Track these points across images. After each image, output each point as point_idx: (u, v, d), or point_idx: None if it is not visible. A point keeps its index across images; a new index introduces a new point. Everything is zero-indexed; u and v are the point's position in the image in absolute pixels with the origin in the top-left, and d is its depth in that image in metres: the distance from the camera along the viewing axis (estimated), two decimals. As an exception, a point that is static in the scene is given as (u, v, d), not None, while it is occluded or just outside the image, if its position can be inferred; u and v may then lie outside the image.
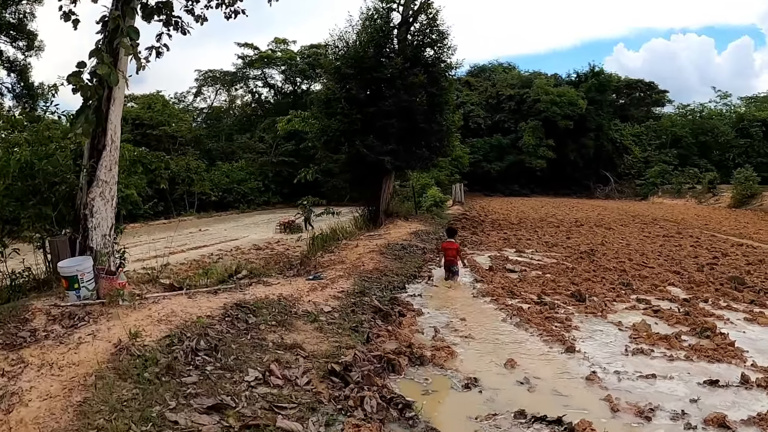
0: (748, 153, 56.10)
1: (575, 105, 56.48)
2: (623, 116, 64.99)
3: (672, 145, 60.02)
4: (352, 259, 11.95)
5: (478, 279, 11.23)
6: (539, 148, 57.44)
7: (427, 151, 20.89)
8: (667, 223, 27.12)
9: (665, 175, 55.02)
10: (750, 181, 40.57)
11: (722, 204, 43.31)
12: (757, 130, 56.77)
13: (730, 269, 13.77)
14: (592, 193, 59.72)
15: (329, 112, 20.41)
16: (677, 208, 42.02)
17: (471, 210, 35.88)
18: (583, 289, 10.80)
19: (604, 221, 27.52)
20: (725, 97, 67.13)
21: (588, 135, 58.80)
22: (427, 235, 17.49)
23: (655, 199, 52.55)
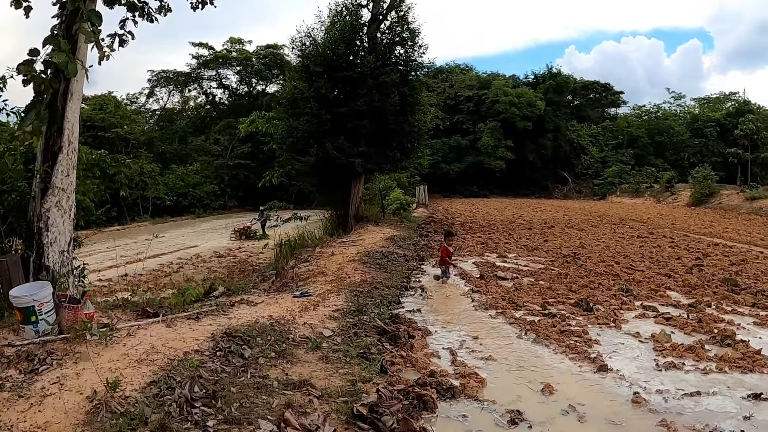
0: (703, 153, 57.35)
1: (534, 106, 56.65)
2: (579, 117, 65.64)
3: (628, 145, 60.89)
4: (334, 270, 11.01)
5: (474, 289, 10.43)
6: (498, 149, 57.35)
7: (399, 153, 20.10)
8: (635, 223, 27.02)
9: (623, 174, 55.75)
10: (708, 180, 41.23)
11: (681, 203, 43.93)
12: (711, 130, 58.09)
13: (717, 270, 13.54)
14: (551, 193, 60.01)
15: (296, 112, 19.39)
16: (638, 207, 42.37)
17: (436, 212, 35.26)
18: (585, 297, 10.23)
19: (573, 222, 27.23)
20: (679, 98, 68.81)
21: (546, 136, 59.11)
22: (403, 241, 16.66)
23: (614, 199, 53.05)
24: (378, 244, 15.06)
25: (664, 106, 67.33)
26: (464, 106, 60.23)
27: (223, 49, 55.91)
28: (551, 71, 64.46)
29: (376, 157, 19.42)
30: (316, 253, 13.91)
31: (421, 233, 20.94)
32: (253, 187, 23.19)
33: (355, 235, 17.74)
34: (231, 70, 57.78)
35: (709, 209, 38.54)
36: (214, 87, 59.43)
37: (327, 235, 17.96)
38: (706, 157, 55.87)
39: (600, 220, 29.03)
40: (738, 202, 37.74)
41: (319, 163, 19.06)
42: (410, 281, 11.14)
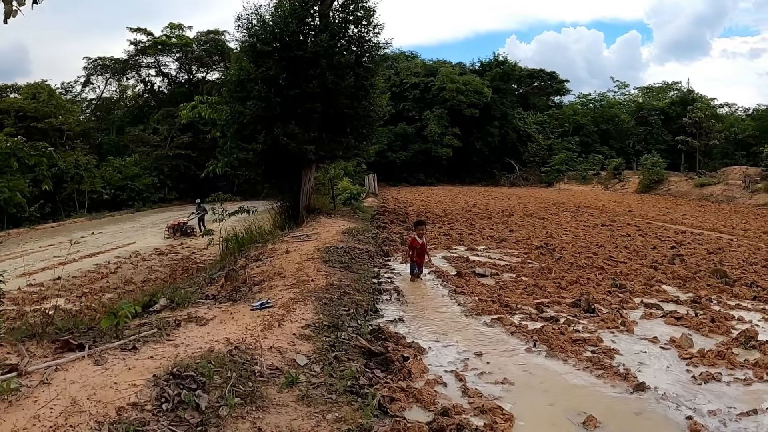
0: (647, 140, 58.21)
1: (481, 93, 56.10)
2: (525, 105, 65.60)
3: (574, 132, 61.24)
4: (292, 271, 9.56)
5: (456, 290, 9.17)
6: (445, 137, 56.61)
7: (353, 140, 18.69)
8: (593, 211, 26.55)
9: (570, 162, 55.96)
10: (657, 167, 41.49)
11: (629, 189, 44.19)
12: (656, 119, 58.98)
13: (700, 260, 12.94)
14: (498, 180, 59.79)
15: (242, 96, 17.68)
16: (588, 194, 42.30)
17: (387, 202, 34.02)
18: (578, 294, 9.23)
19: (531, 211, 26.48)
20: (623, 87, 69.80)
21: (493, 123, 58.75)
22: (362, 235, 15.28)
23: (562, 186, 53.12)
24: (336, 239, 13.65)
25: (608, 95, 68.16)
26: (410, 93, 59.14)
27: (163, 35, 53.06)
28: (498, 59, 64.15)
29: (330, 143, 17.98)
30: (268, 249, 12.41)
31: (378, 225, 19.61)
32: (195, 179, 21.41)
33: (309, 228, 16.27)
34: (170, 58, 55.13)
35: (658, 196, 38.77)
36: (152, 75, 56.57)
37: (278, 229, 16.46)
38: (651, 144, 56.68)
39: (556, 208, 28.44)
40: (687, 189, 38.05)
41: (267, 151, 17.45)
42: (381, 282, 9.79)
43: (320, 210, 19.09)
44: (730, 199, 32.93)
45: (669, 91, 67.29)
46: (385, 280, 9.86)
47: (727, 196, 33.69)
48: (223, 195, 17.98)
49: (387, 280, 9.98)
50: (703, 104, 51.75)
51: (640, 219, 22.78)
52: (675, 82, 67.53)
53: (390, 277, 10.30)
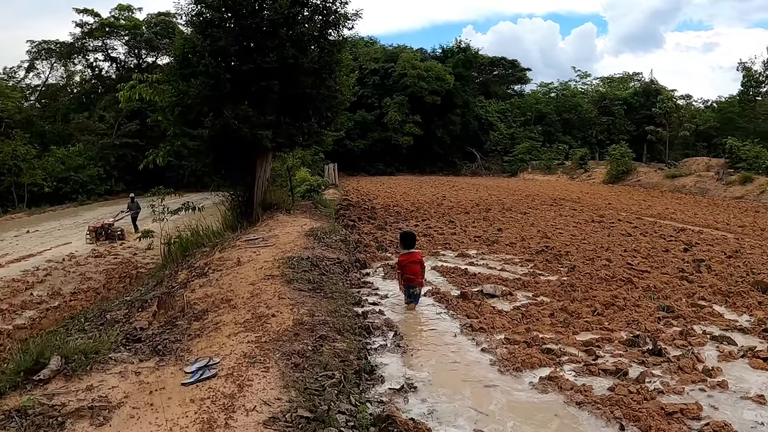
0: (610, 130, 57.39)
1: (443, 80, 53.91)
2: (486, 93, 63.80)
3: (536, 121, 59.87)
4: (245, 296, 7.04)
5: (468, 324, 6.81)
6: (405, 125, 54.27)
7: (316, 124, 16.11)
8: (572, 204, 24.71)
9: (533, 151, 54.48)
10: (625, 157, 40.29)
11: (596, 180, 42.92)
12: (618, 109, 58.08)
13: (726, 267, 11.18)
14: (459, 170, 57.90)
15: (187, 72, 14.91)
16: (556, 185, 40.72)
17: (349, 194, 31.49)
18: (624, 324, 7.24)
19: (507, 204, 24.43)
20: (585, 77, 68.90)
21: (455, 111, 56.72)
22: (328, 237, 12.73)
23: (526, 176, 51.55)
24: (298, 244, 11.11)
25: (570, 84, 67.03)
26: (369, 79, 56.40)
27: (111, 17, 48.93)
28: (460, 45, 62.10)
29: (289, 128, 15.35)
30: (215, 259, 9.83)
31: (345, 223, 17.10)
32: (146, 170, 18.43)
33: (265, 228, 13.70)
34: (119, 41, 50.86)
35: (628, 187, 37.49)
36: (100, 59, 52.31)
37: (228, 230, 13.85)
38: (613, 134, 55.95)
39: (532, 200, 26.53)
40: (658, 180, 36.85)
41: (216, 137, 14.73)
42: (365, 311, 7.29)
43: (277, 205, 16.48)
44: (704, 192, 31.74)
45: (630, 81, 66.81)
46: (370, 309, 7.39)
47: (700, 188, 32.50)
48: (164, 189, 15.24)
49: (372, 307, 7.52)
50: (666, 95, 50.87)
51: (627, 214, 21.03)
52: (636, 73, 67.17)
53: (375, 302, 7.84)
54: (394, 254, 12.01)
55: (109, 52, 52.04)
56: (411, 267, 7.63)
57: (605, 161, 46.98)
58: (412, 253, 7.84)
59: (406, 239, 8.02)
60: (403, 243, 8.00)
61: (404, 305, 7.63)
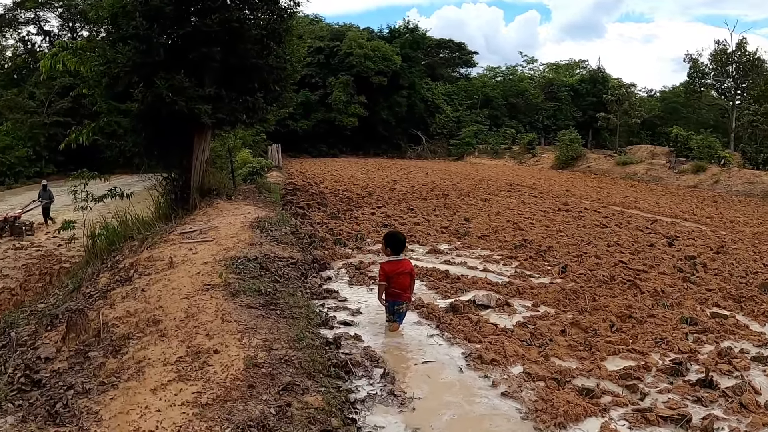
0: (557, 116, 57.14)
1: (390, 61, 52.16)
2: (432, 75, 62.45)
3: (483, 105, 58.96)
4: (179, 316, 5.28)
5: (477, 353, 5.28)
6: (350, 106, 52.33)
7: (262, 99, 14.21)
8: (529, 190, 23.71)
9: (480, 135, 53.54)
10: (575, 143, 39.83)
11: (544, 165, 42.37)
12: (565, 95, 57.83)
13: (720, 265, 10.27)
14: (404, 153, 56.42)
15: (116, 37, 12.75)
16: (505, 169, 39.88)
17: (294, 177, 29.53)
18: (652, 343, 6.08)
19: (463, 189, 23.14)
20: (531, 62, 68.61)
21: (401, 93, 55.13)
22: (277, 228, 10.91)
23: (473, 160, 50.57)
24: (243, 238, 9.29)
25: (517, 69, 66.55)
26: (314, 58, 53.94)
27: (43, -13, 45.02)
28: (408, 26, 60.44)
29: (231, 103, 13.42)
30: (143, 258, 7.97)
31: (294, 211, 15.28)
32: (77, 150, 16.07)
33: (203, 217, 11.83)
34: (52, 13, 46.96)
35: (578, 172, 37.01)
36: (32, 33, 48.16)
37: (161, 220, 11.87)
38: (560, 120, 55.75)
39: (487, 185, 25.36)
40: (608, 167, 36.49)
41: (148, 112, 12.63)
42: (337, 338, 5.57)
43: (217, 190, 14.51)
44: (656, 180, 31.42)
45: (576, 68, 66.95)
46: (342, 332, 5.70)
47: (652, 176, 32.18)
48: (87, 172, 13.08)
49: (345, 330, 5.84)
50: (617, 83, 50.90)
51: (590, 202, 20.12)
52: (582, 60, 67.37)
53: (347, 321, 6.15)
54: (354, 249, 10.45)
55: (41, 24, 48.29)
56: (399, 279, 5.95)
57: (552, 146, 46.61)
58: (400, 261, 6.14)
59: (394, 242, 6.21)
60: (391, 247, 6.18)
61: (385, 323, 6.01)
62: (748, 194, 25.09)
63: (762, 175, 27.02)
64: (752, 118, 34.34)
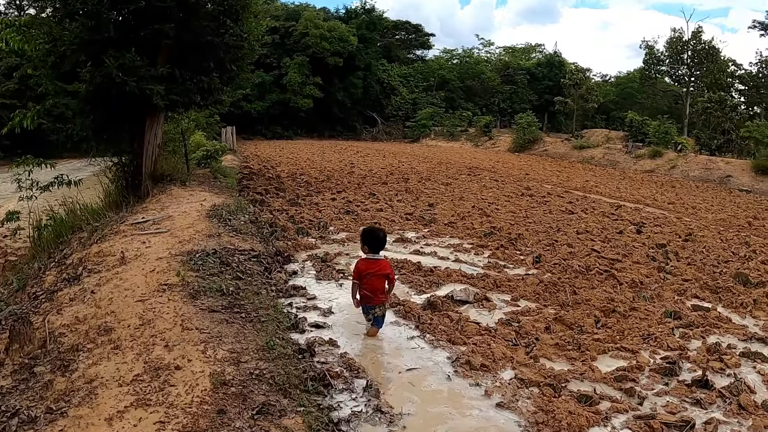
0: (513, 99, 57.20)
1: (346, 42, 51.11)
2: (388, 57, 61.64)
3: (439, 87, 58.63)
4: (133, 324, 4.67)
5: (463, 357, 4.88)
6: (305, 87, 51.13)
7: (218, 79, 13.45)
8: (489, 174, 23.47)
9: (436, 117, 53.24)
10: (533, 126, 39.87)
11: (501, 148, 42.36)
12: (521, 78, 57.88)
13: (692, 253, 10.28)
14: (359, 135, 55.67)
15: (63, 14, 11.76)
16: (462, 152, 39.64)
17: (249, 160, 28.63)
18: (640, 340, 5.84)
19: (423, 173, 22.74)
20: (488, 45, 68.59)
21: (357, 74, 54.22)
22: (235, 217, 10.27)
23: (429, 142, 50.27)
24: (200, 229, 8.66)
25: (473, 52, 66.39)
26: (268, 38, 52.53)
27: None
28: (365, 6, 59.37)
29: (185, 83, 12.63)
30: (92, 253, 7.31)
31: (252, 198, 14.59)
32: (23, 133, 14.80)
33: (156, 206, 11.09)
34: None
35: (535, 156, 37.08)
36: None
37: (111, 209, 11.08)
38: (516, 103, 55.88)
39: (447, 168, 25.05)
40: (565, 151, 36.66)
41: (97, 93, 11.72)
42: (311, 344, 5.02)
43: (171, 176, 13.71)
44: (613, 164, 31.69)
45: (532, 52, 67.19)
46: (315, 337, 5.19)
47: (609, 160, 32.45)
48: (32, 158, 12.12)
49: (318, 334, 5.31)
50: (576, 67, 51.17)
51: (551, 186, 20.01)
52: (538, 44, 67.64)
53: (318, 323, 5.63)
54: (318, 239, 9.94)
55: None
56: (371, 281, 5.42)
57: (509, 130, 46.69)
58: (377, 261, 5.56)
59: (373, 240, 5.65)
60: (369, 245, 5.63)
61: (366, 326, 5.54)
62: (705, 180, 25.46)
63: (718, 161, 27.48)
64: (706, 105, 34.88)
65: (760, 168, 24.49)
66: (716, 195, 20.92)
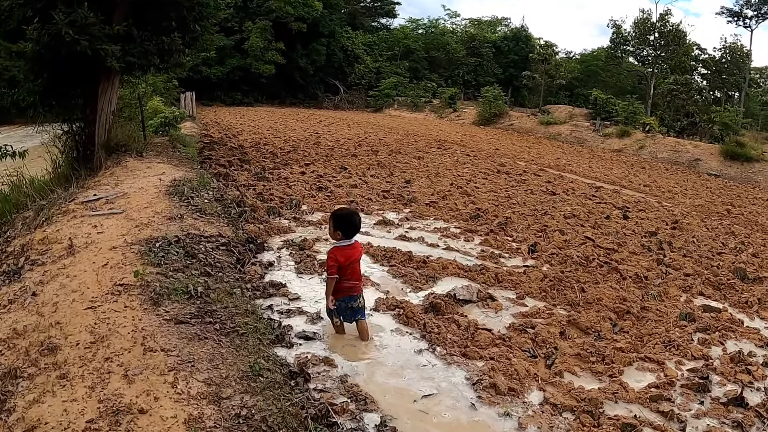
0: (477, 72, 56.40)
1: (311, 7, 49.26)
2: (353, 24, 59.96)
3: (403, 57, 57.30)
4: (82, 342, 3.77)
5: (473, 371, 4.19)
6: (267, 52, 49.26)
7: (179, 40, 12.28)
8: (459, 148, 22.77)
9: (399, 87, 52.16)
10: (499, 100, 39.27)
11: (465, 121, 41.70)
12: (487, 51, 57.03)
13: (685, 244, 9.92)
14: (321, 103, 54.22)
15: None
16: (426, 123, 38.82)
17: (209, 128, 27.19)
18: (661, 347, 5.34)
19: (391, 144, 21.87)
20: (454, 16, 67.38)
21: (320, 41, 52.51)
22: (198, 194, 9.23)
23: (392, 112, 49.26)
24: (159, 210, 7.65)
25: (439, 23, 65.19)
26: (231, 1, 50.39)
27: None
28: (329, -30, 57.39)
29: (144, 44, 11.46)
30: (36, 240, 6.33)
31: (216, 171, 13.46)
32: None
33: (110, 180, 10.02)
34: None
35: (501, 130, 36.56)
36: None
37: (59, 184, 9.95)
38: (481, 76, 55.17)
39: (416, 141, 24.25)
40: (532, 126, 36.21)
41: (45, 54, 10.46)
42: (301, 360, 4.21)
43: (126, 146, 12.52)
44: (581, 141, 31.37)
45: (498, 25, 66.38)
46: (306, 354, 4.30)
47: (576, 138, 32.10)
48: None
49: (308, 350, 4.43)
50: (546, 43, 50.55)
51: (525, 163, 19.48)
52: (504, 18, 66.87)
53: (306, 333, 4.74)
54: (291, 221, 9.07)
55: None
56: (354, 269, 4.75)
57: (473, 102, 46.07)
58: (352, 246, 4.82)
59: (347, 225, 4.85)
60: (342, 230, 4.82)
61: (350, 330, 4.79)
62: (673, 162, 25.38)
63: (686, 144, 27.44)
64: (672, 87, 34.83)
65: (729, 153, 24.54)
66: (687, 178, 20.83)
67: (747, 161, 23.93)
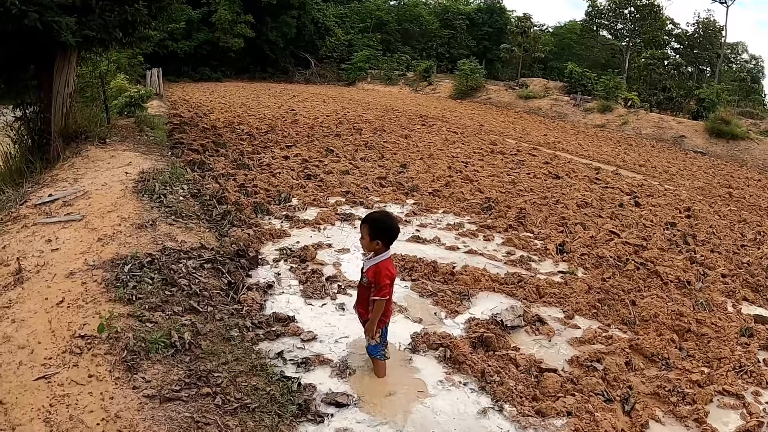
0: (451, 44, 55.36)
1: (280, -23, 47.51)
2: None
3: (375, 29, 55.91)
4: (36, 430, 2.86)
5: None
6: (237, 26, 47.28)
7: (144, 9, 10.99)
8: (443, 124, 21.89)
9: (372, 60, 50.79)
10: (476, 73, 38.31)
11: (441, 94, 40.80)
12: (461, 23, 55.92)
13: (707, 235, 9.39)
14: (292, 77, 52.55)
15: None
16: (402, 97, 37.85)
17: (177, 107, 25.58)
18: (731, 371, 4.70)
19: (373, 121, 20.82)
20: (427, -12, 65.92)
21: (290, 13, 50.67)
22: (171, 191, 7.94)
23: (365, 86, 48.00)
24: (127, 215, 6.42)
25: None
26: (198, -31, 48.11)
27: None
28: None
29: (104, 16, 10.20)
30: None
31: (190, 159, 12.06)
32: None
33: (69, 174, 8.79)
34: None
35: (479, 104, 35.81)
36: None
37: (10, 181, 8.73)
38: (453, 48, 54.15)
39: (397, 117, 23.30)
40: (510, 100, 35.52)
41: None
42: None
43: (87, 132, 11.21)
44: (562, 116, 30.72)
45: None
46: None
47: (557, 113, 31.44)
48: None
49: (340, 427, 3.42)
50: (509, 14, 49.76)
51: (516, 141, 18.80)
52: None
53: (338, 400, 3.67)
54: (283, 220, 7.97)
55: None
56: (392, 289, 3.86)
57: (447, 75, 45.13)
58: (391, 261, 3.91)
59: (387, 231, 3.86)
60: (382, 238, 3.84)
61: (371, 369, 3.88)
62: (658, 139, 24.97)
63: (670, 120, 27.02)
64: (649, 61, 34.33)
65: (714, 131, 24.17)
66: (676, 156, 20.55)
67: (732, 139, 23.58)
